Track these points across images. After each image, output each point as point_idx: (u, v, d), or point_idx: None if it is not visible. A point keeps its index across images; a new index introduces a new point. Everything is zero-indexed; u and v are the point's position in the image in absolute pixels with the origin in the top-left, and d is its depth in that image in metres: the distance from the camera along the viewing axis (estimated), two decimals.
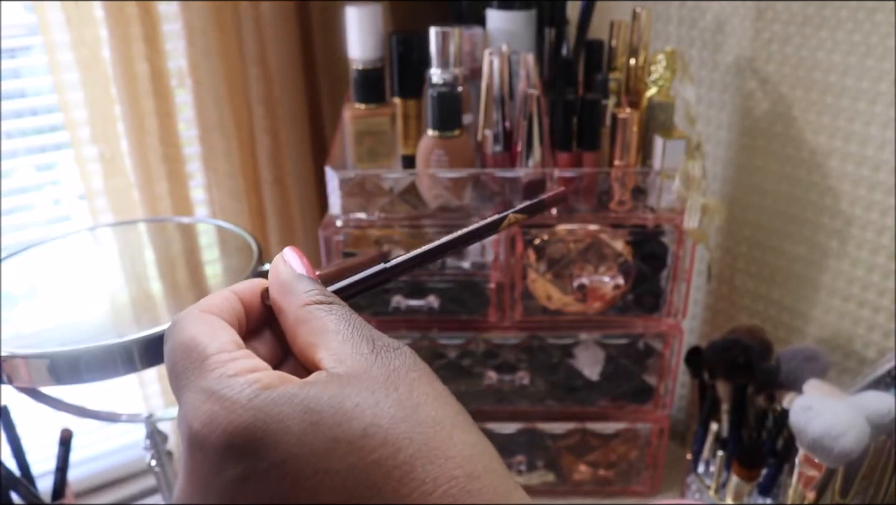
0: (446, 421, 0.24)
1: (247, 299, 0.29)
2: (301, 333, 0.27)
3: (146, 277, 0.74)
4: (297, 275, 0.29)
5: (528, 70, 0.76)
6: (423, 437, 0.23)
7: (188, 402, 0.24)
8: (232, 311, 0.28)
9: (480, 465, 0.24)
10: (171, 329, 0.27)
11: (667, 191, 0.77)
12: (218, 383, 0.24)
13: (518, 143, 0.77)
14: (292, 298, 0.28)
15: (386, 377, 0.25)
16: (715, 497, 0.79)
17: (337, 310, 0.27)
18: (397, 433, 0.23)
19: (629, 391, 0.86)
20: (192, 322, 0.27)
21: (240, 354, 0.25)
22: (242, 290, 0.30)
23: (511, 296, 0.81)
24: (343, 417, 0.23)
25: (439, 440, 0.24)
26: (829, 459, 0.65)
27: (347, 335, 0.26)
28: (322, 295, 0.28)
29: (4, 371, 0.59)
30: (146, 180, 0.94)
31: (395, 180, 0.78)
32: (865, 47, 0.72)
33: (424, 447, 0.23)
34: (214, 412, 0.23)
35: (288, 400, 0.23)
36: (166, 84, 0.93)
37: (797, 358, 0.77)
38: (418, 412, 0.24)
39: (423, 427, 0.24)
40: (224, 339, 0.26)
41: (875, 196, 0.75)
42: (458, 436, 0.24)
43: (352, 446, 0.23)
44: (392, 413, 0.24)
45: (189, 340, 0.26)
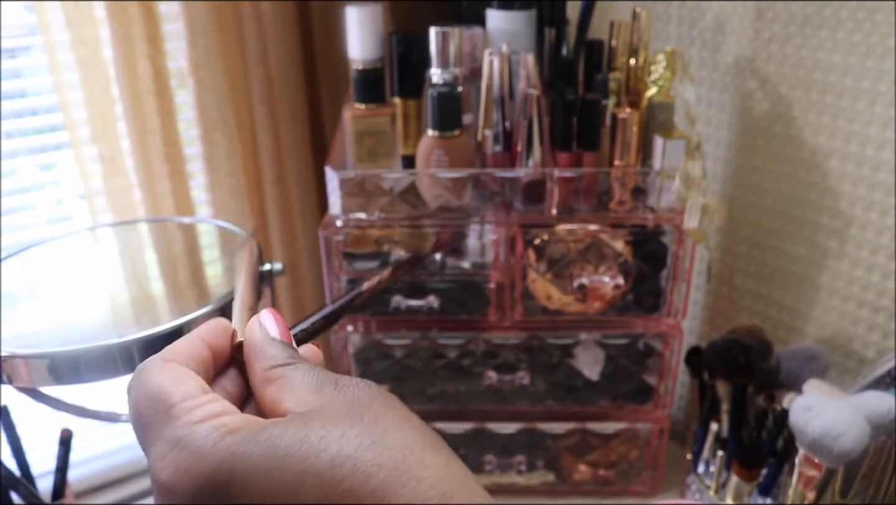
0: (415, 444, 0.24)
1: (213, 342, 0.30)
2: (267, 392, 0.27)
3: (147, 277, 0.74)
4: (269, 339, 0.29)
5: (528, 70, 0.76)
6: (392, 462, 0.23)
7: (155, 452, 0.24)
8: (198, 358, 0.29)
9: (454, 483, 0.24)
10: (134, 379, 0.27)
11: (667, 191, 0.77)
12: (183, 430, 0.24)
13: (518, 143, 0.77)
14: (261, 361, 0.28)
15: (349, 408, 0.25)
16: (715, 497, 0.79)
17: (301, 367, 0.28)
18: (366, 460, 0.23)
19: (629, 391, 0.86)
20: (156, 371, 0.27)
21: (205, 400, 0.26)
22: (207, 333, 0.30)
23: (511, 296, 0.81)
24: (309, 450, 0.23)
25: (410, 463, 0.23)
26: (829, 459, 0.65)
27: (311, 384, 0.27)
28: (289, 358, 0.28)
29: (4, 371, 0.59)
30: (147, 180, 0.94)
31: (395, 180, 0.78)
32: (865, 47, 0.72)
33: (395, 472, 0.23)
34: (181, 460, 0.23)
35: (253, 438, 0.24)
36: (168, 84, 0.93)
37: (797, 358, 0.77)
38: (385, 438, 0.24)
39: (392, 452, 0.24)
40: (189, 386, 0.26)
41: (875, 196, 0.75)
42: (429, 457, 0.24)
43: (321, 478, 0.23)
44: (359, 442, 0.24)
45: (154, 389, 0.26)
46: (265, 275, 0.72)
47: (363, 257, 0.81)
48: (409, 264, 0.37)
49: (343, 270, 0.81)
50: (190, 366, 0.28)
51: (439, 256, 0.35)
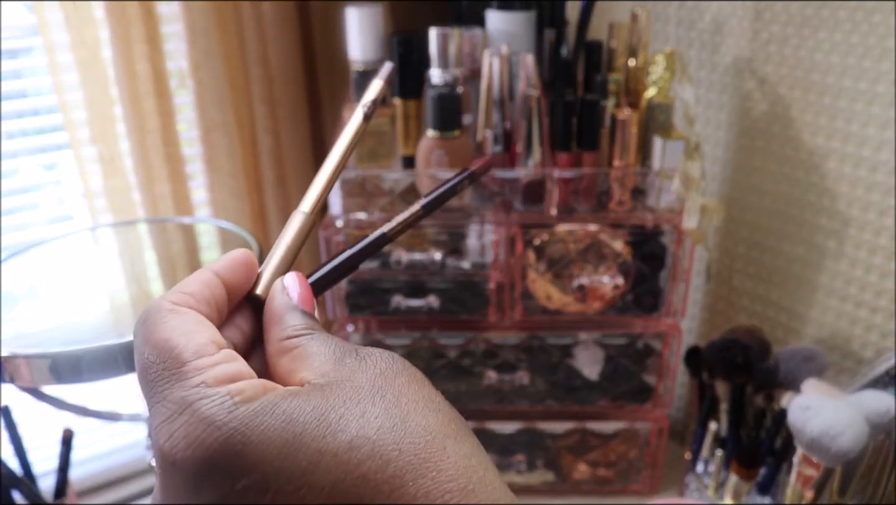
0: (438, 430, 0.23)
1: (230, 279, 0.28)
2: (282, 362, 0.26)
3: (147, 277, 0.75)
4: (291, 306, 0.27)
5: (528, 71, 0.76)
6: (413, 448, 0.22)
7: (161, 413, 0.22)
8: (211, 298, 0.26)
9: (475, 477, 0.22)
10: (140, 326, 0.25)
11: (666, 191, 0.77)
12: (196, 394, 0.22)
13: (518, 144, 0.78)
14: (278, 330, 0.26)
15: (372, 383, 0.24)
16: (714, 496, 0.79)
17: (319, 337, 0.26)
18: (385, 445, 0.22)
19: (629, 391, 0.86)
20: (164, 319, 0.24)
21: (220, 358, 0.24)
22: (226, 269, 0.28)
23: (511, 296, 0.81)
24: (327, 428, 0.22)
25: (430, 451, 0.22)
26: (827, 459, 0.65)
27: (329, 354, 0.25)
28: (307, 328, 0.26)
29: (6, 371, 0.59)
30: (147, 180, 0.95)
31: (396, 181, 0.78)
32: (863, 48, 0.72)
33: (415, 459, 0.22)
34: (190, 428, 0.22)
35: (270, 411, 0.22)
36: (167, 84, 0.93)
37: (795, 358, 0.77)
38: (407, 421, 0.23)
39: (413, 437, 0.22)
40: (201, 339, 0.24)
41: (872, 197, 0.75)
42: (451, 446, 0.23)
43: (337, 460, 0.21)
44: (379, 423, 0.22)
45: (162, 340, 0.24)
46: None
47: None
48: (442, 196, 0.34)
49: None
50: (202, 309, 0.26)
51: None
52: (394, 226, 0.32)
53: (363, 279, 0.81)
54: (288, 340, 0.26)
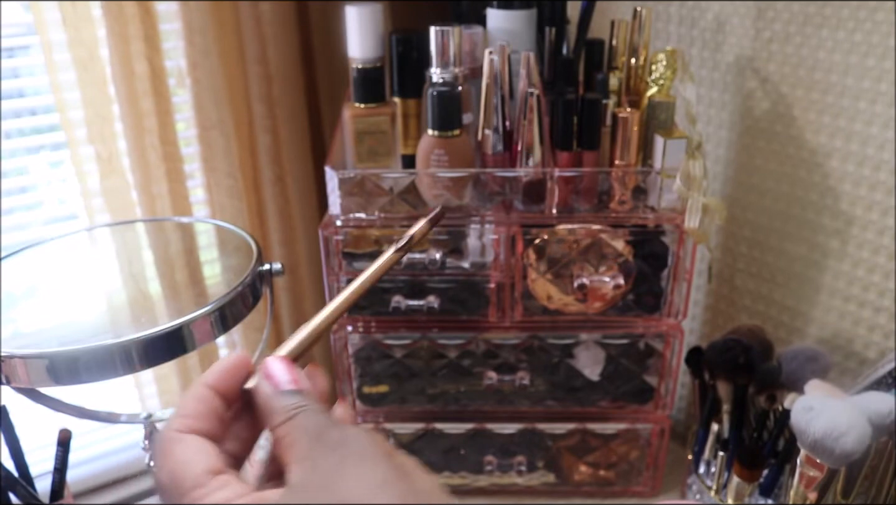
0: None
1: (222, 387, 0.31)
2: (279, 451, 0.29)
3: (145, 277, 0.74)
4: (274, 393, 0.30)
5: (529, 69, 0.76)
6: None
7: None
8: (209, 412, 0.30)
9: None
10: (156, 452, 0.30)
11: (667, 190, 0.76)
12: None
13: (518, 143, 0.77)
14: (272, 419, 0.30)
15: (324, 483, 0.27)
16: (716, 498, 0.79)
17: (300, 420, 0.29)
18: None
19: (630, 391, 0.86)
20: (170, 450, 0.29)
21: (213, 487, 0.28)
22: (216, 380, 0.31)
23: (511, 296, 0.81)
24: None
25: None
26: (831, 460, 0.65)
27: (304, 445, 0.28)
28: (292, 409, 0.30)
29: (3, 371, 0.59)
30: (145, 180, 0.94)
31: (395, 180, 0.77)
32: (866, 47, 0.72)
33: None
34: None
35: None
36: (165, 83, 0.93)
37: (798, 358, 0.77)
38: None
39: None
40: (198, 469, 0.28)
41: (876, 196, 0.75)
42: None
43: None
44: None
45: (168, 471, 0.28)
46: (264, 275, 0.72)
47: (363, 257, 0.80)
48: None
49: (343, 269, 0.81)
50: (202, 427, 0.30)
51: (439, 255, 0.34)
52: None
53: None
54: (278, 429, 0.30)
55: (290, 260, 1.10)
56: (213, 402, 0.31)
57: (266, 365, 0.31)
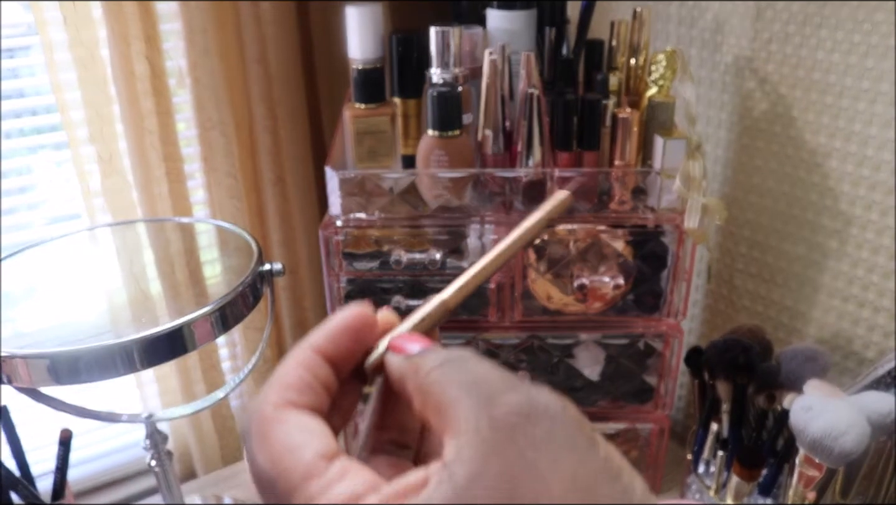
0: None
1: (334, 352, 0.25)
2: (427, 412, 0.22)
3: (145, 276, 0.74)
4: (408, 359, 0.24)
5: (529, 70, 0.76)
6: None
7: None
8: (314, 382, 0.24)
9: None
10: (248, 437, 0.23)
11: (667, 191, 0.77)
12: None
13: (518, 143, 0.77)
14: (411, 379, 0.23)
15: (507, 476, 0.18)
16: (715, 497, 0.79)
17: (452, 370, 0.22)
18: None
19: (629, 391, 0.86)
20: (269, 432, 0.22)
21: (332, 477, 0.21)
22: (327, 344, 0.25)
23: (511, 296, 0.81)
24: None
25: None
26: (830, 460, 0.65)
27: (465, 406, 0.20)
28: (435, 359, 0.23)
29: (4, 371, 0.59)
30: (145, 180, 0.94)
31: (395, 180, 0.78)
32: (865, 47, 0.72)
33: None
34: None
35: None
36: (165, 83, 0.93)
37: (797, 358, 0.77)
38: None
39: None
40: (308, 456, 0.21)
41: (875, 196, 0.75)
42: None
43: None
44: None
45: (270, 465, 0.21)
46: (264, 275, 0.72)
47: (363, 257, 0.81)
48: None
49: (343, 269, 0.81)
50: (306, 402, 0.23)
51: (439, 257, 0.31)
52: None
53: (363, 279, 0.81)
54: (423, 382, 0.22)
55: (291, 260, 1.10)
56: (322, 369, 0.24)
57: (395, 340, 0.25)
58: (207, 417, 1.08)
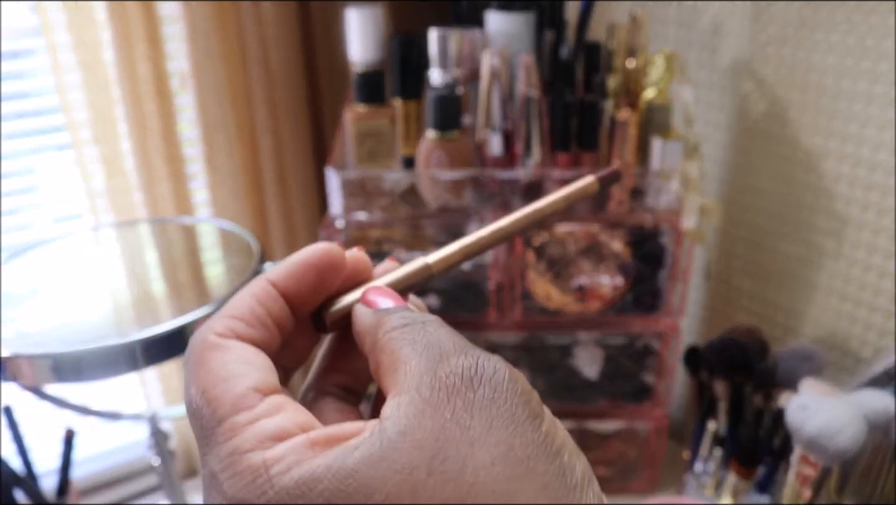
0: (512, 501, 0.17)
1: (290, 287, 0.23)
2: (380, 375, 0.21)
3: (148, 276, 0.75)
4: (375, 314, 0.22)
5: (528, 71, 0.76)
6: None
7: (203, 481, 0.19)
8: (265, 316, 0.22)
9: None
10: (186, 363, 0.21)
11: (665, 192, 0.77)
12: (227, 469, 0.18)
13: (517, 144, 0.78)
14: (370, 336, 0.22)
15: (436, 435, 0.18)
16: (712, 495, 0.79)
17: (410, 332, 0.21)
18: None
19: (628, 390, 0.86)
20: (206, 358, 0.21)
21: (260, 412, 0.19)
22: (281, 276, 0.23)
23: (511, 296, 0.81)
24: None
25: None
26: (825, 458, 0.65)
27: (413, 365, 0.20)
28: (399, 319, 0.22)
29: (9, 370, 0.60)
30: (148, 180, 0.95)
31: (396, 181, 0.78)
32: (861, 49, 0.73)
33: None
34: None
35: (308, 489, 0.18)
36: (168, 85, 0.94)
37: (794, 357, 0.78)
38: (472, 497, 0.17)
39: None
40: (241, 387, 0.20)
41: (871, 197, 0.76)
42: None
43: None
44: (432, 502, 0.17)
45: (198, 396, 0.20)
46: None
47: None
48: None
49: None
50: (253, 335, 0.22)
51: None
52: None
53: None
54: (376, 347, 0.21)
55: None
56: (276, 304, 0.22)
57: (366, 294, 0.23)
58: None
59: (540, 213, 0.28)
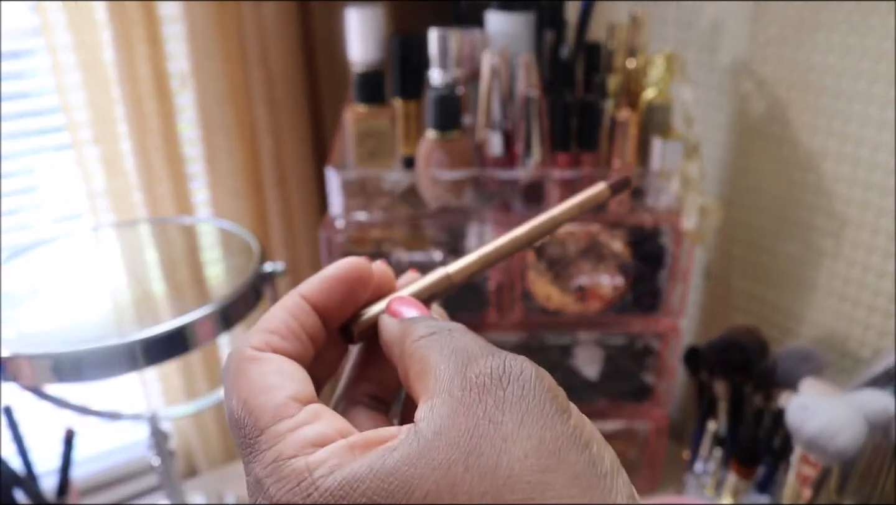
0: (546, 491, 0.18)
1: (321, 301, 0.24)
2: (410, 382, 0.22)
3: (148, 277, 0.75)
4: (401, 324, 0.23)
5: (528, 71, 0.76)
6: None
7: (248, 489, 0.20)
8: (299, 329, 0.23)
9: None
10: (225, 376, 0.22)
11: (665, 192, 0.77)
12: (271, 475, 0.19)
13: (517, 144, 0.78)
14: (398, 345, 0.23)
15: (471, 432, 0.19)
16: (712, 495, 0.80)
17: (437, 339, 0.22)
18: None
19: (628, 391, 0.86)
20: (244, 372, 0.22)
21: (301, 420, 0.20)
22: (317, 293, 0.24)
23: (511, 296, 0.81)
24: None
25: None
26: (825, 458, 0.66)
27: (442, 370, 0.21)
28: (428, 329, 0.23)
29: (9, 370, 0.60)
30: (149, 181, 0.95)
31: (396, 181, 0.78)
32: (861, 50, 0.73)
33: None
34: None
35: (351, 489, 0.18)
36: (168, 85, 0.94)
37: (793, 357, 0.78)
38: (508, 489, 0.18)
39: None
40: (280, 398, 0.21)
41: (870, 197, 0.76)
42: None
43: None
44: (467, 500, 0.18)
45: (240, 407, 0.21)
46: (266, 275, 0.73)
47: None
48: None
49: None
50: (288, 348, 0.23)
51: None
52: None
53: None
54: (406, 355, 0.22)
55: (292, 260, 1.10)
56: (309, 318, 0.24)
57: (390, 305, 0.24)
58: (210, 415, 1.09)
59: (555, 221, 0.29)
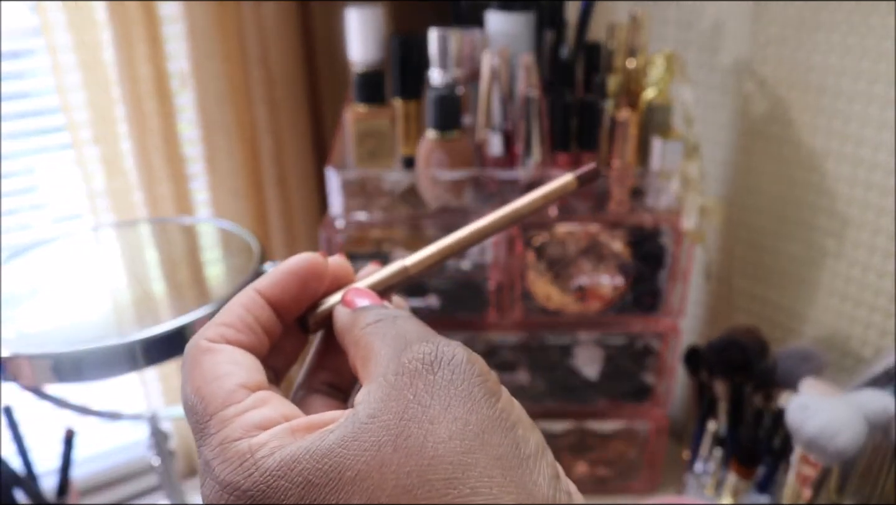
0: (468, 471, 0.19)
1: (275, 295, 0.25)
2: (357, 364, 0.23)
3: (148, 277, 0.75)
4: (352, 313, 0.25)
5: (528, 71, 0.76)
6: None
7: (199, 469, 0.22)
8: (254, 322, 0.24)
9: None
10: (182, 364, 0.24)
11: (665, 192, 0.77)
12: (217, 457, 0.21)
13: (517, 144, 0.78)
14: (347, 334, 0.24)
15: (400, 415, 0.20)
16: (712, 495, 0.80)
17: (381, 326, 0.23)
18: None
19: (628, 390, 0.86)
20: (198, 361, 0.23)
21: (248, 405, 0.22)
22: (272, 288, 0.25)
23: (511, 296, 0.81)
24: (342, 491, 0.19)
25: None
26: (825, 458, 0.66)
27: (382, 355, 0.22)
28: (373, 315, 0.24)
29: (9, 370, 0.60)
30: (149, 181, 0.95)
31: (396, 181, 0.78)
32: (861, 50, 0.73)
33: None
34: (214, 493, 0.20)
35: (289, 469, 0.20)
36: (168, 85, 0.94)
37: (793, 357, 0.78)
38: (432, 469, 0.19)
39: (434, 489, 0.19)
40: (230, 384, 0.22)
41: (871, 197, 0.76)
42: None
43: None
44: (394, 479, 0.19)
45: (193, 394, 0.22)
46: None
47: (363, 257, 0.81)
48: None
49: None
50: (242, 340, 0.24)
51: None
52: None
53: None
54: (351, 342, 0.24)
55: None
56: (263, 312, 0.25)
57: (346, 295, 0.25)
58: None
59: (518, 213, 0.29)
